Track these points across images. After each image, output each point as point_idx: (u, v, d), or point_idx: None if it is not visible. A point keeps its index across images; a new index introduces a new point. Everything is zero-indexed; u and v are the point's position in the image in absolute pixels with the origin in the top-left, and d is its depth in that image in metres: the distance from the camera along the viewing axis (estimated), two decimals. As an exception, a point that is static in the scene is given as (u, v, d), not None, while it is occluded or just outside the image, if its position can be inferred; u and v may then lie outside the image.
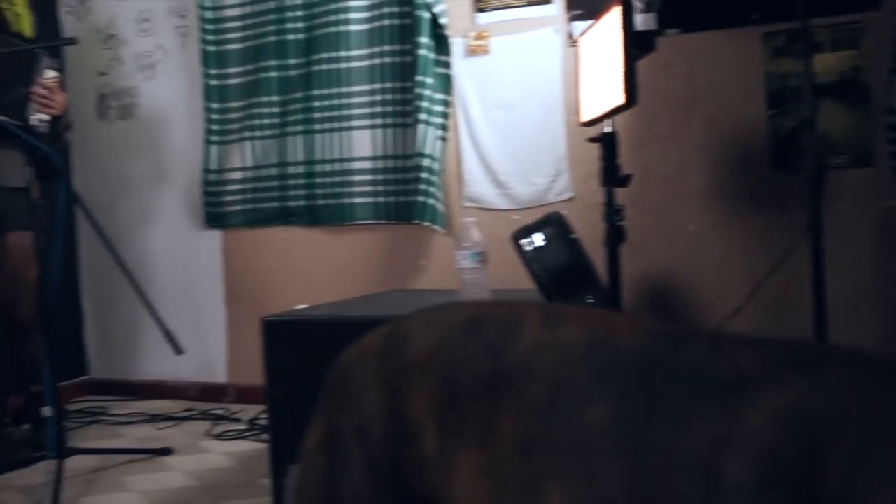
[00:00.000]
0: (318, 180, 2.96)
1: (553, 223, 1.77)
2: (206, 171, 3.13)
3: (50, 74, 2.41)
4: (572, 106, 2.65)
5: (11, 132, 2.12)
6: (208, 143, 3.13)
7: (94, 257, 3.50)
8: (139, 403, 3.31)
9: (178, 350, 2.06)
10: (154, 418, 3.01)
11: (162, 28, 3.28)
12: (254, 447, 2.59)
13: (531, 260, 1.74)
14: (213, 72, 3.09)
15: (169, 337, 2.05)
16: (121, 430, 2.90)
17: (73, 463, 2.27)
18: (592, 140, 1.93)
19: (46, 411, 2.69)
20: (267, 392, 1.79)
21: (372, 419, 0.69)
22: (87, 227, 3.47)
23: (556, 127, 2.67)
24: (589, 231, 2.05)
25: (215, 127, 3.12)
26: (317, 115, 2.93)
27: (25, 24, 3.10)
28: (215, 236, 3.24)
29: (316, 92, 2.91)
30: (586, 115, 2.05)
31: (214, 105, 3.11)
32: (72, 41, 2.08)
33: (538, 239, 1.74)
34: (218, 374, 3.28)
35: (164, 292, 3.09)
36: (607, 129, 1.89)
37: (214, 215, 3.17)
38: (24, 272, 2.53)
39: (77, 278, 3.53)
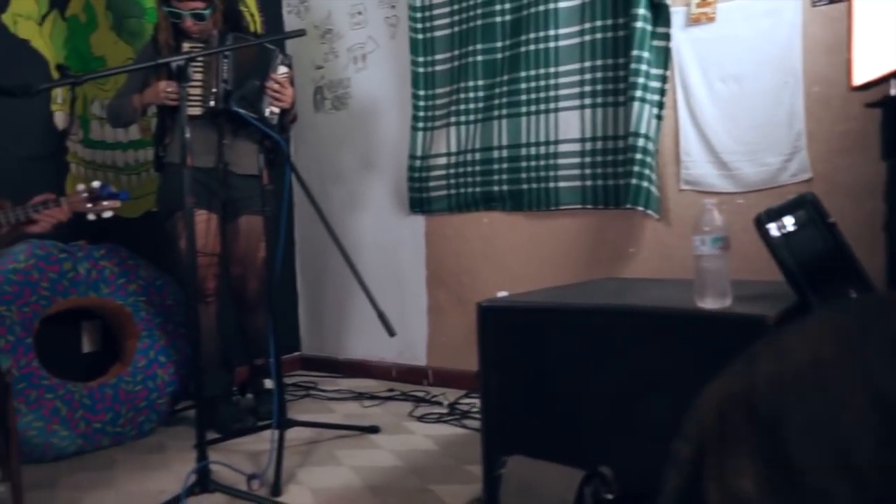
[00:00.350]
0: (523, 164, 2.88)
1: (807, 205, 1.53)
2: (412, 157, 3.18)
3: (282, 70, 2.56)
4: (814, 75, 2.33)
5: (250, 122, 2.26)
6: (414, 129, 3.17)
7: (308, 241, 3.72)
8: (345, 381, 3.47)
9: (390, 332, 2.08)
10: (359, 396, 3.13)
11: (373, 20, 3.38)
12: (455, 432, 2.58)
13: (779, 247, 1.52)
14: (420, 59, 3.13)
15: (382, 319, 2.08)
16: (331, 406, 3.03)
17: (291, 434, 2.40)
18: (872, 105, 1.65)
19: (268, 383, 2.90)
20: (480, 379, 1.74)
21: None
22: (302, 212, 3.70)
23: (794, 99, 2.35)
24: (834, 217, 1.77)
25: (421, 114, 3.16)
26: (523, 97, 2.85)
27: (257, 23, 3.36)
28: (419, 221, 3.29)
29: (523, 73, 2.83)
30: (861, 76, 1.75)
31: (421, 92, 3.14)
32: (301, 33, 2.19)
33: (789, 223, 1.51)
34: (418, 356, 3.34)
35: (370, 275, 3.17)
36: (893, 92, 1.60)
37: (418, 201, 3.21)
38: (254, 253, 2.73)
39: (293, 260, 3.77)
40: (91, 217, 1.92)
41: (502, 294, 3.02)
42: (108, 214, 1.93)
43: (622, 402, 1.57)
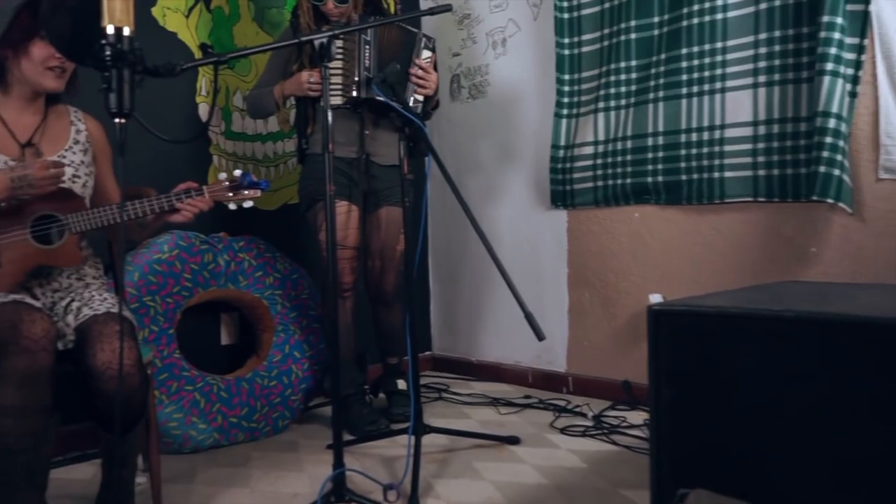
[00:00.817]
0: (682, 152, 2.58)
1: None
2: (555, 146, 2.95)
3: (426, 54, 2.42)
4: None
5: (392, 108, 2.13)
6: (558, 117, 2.94)
7: (441, 235, 3.58)
8: (478, 384, 3.30)
9: (539, 335, 1.87)
10: (495, 402, 2.94)
11: (514, 2, 3.18)
12: (603, 448, 2.34)
13: None
14: (566, 41, 2.90)
15: (530, 321, 1.88)
16: (465, 411, 2.87)
17: (426, 440, 2.26)
18: None
19: (401, 384, 2.78)
20: (651, 393, 1.49)
21: None
22: (435, 205, 3.57)
23: None
24: None
25: (566, 100, 2.92)
26: (683, 77, 2.55)
27: (395, 11, 3.26)
28: (561, 216, 3.06)
29: (684, 51, 2.53)
30: None
31: (566, 76, 2.91)
32: (447, 8, 2.02)
33: None
34: (557, 362, 3.11)
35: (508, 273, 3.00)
36: None
37: (561, 193, 2.98)
38: (393, 246, 2.61)
39: (426, 255, 3.65)
40: (232, 206, 1.86)
41: (655, 297, 2.73)
42: (248, 204, 1.87)
43: (829, 431, 1.28)
